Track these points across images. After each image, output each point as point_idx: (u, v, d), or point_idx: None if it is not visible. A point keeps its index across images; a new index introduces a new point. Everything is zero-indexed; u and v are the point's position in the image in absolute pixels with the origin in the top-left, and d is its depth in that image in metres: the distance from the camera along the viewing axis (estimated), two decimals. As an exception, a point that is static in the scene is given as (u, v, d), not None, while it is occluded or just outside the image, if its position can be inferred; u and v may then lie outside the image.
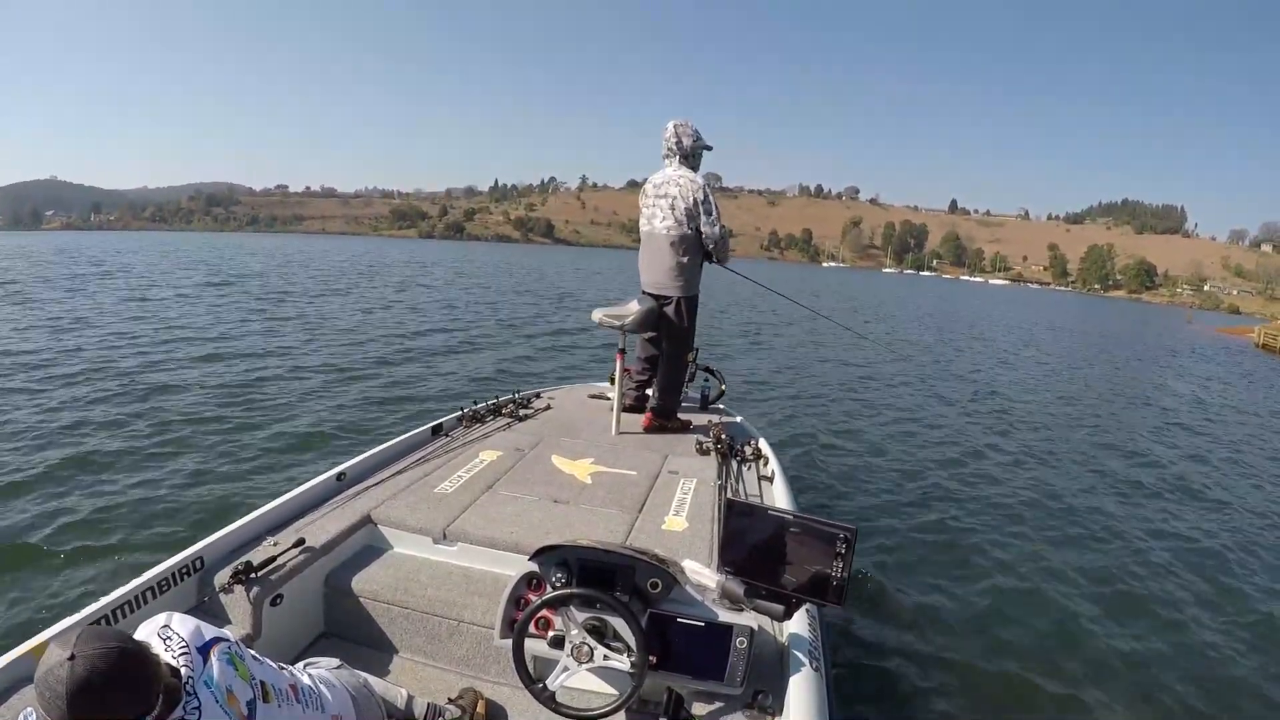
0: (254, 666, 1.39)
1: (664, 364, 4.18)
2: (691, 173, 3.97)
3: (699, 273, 4.12)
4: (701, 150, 4.04)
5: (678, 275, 4.03)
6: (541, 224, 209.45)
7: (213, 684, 1.27)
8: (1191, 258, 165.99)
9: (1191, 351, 27.29)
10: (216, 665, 1.30)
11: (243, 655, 1.38)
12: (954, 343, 20.76)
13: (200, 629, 1.35)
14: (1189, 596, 4.71)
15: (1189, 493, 7.21)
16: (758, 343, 16.36)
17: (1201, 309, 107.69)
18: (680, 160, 3.98)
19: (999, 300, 60.81)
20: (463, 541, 2.55)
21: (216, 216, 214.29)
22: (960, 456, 7.72)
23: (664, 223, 3.98)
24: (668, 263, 4.02)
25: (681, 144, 3.95)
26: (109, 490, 5.02)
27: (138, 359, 9.72)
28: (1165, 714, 3.49)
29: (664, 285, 4.08)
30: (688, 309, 4.10)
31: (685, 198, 3.91)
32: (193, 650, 1.28)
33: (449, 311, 18.48)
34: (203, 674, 1.27)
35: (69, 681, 1.07)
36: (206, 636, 1.33)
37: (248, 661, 1.38)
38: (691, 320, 4.15)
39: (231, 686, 1.30)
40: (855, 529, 1.70)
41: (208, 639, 1.33)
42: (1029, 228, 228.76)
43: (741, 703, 1.82)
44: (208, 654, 1.30)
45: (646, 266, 4.15)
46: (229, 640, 1.38)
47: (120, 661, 1.12)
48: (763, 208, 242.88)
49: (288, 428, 6.88)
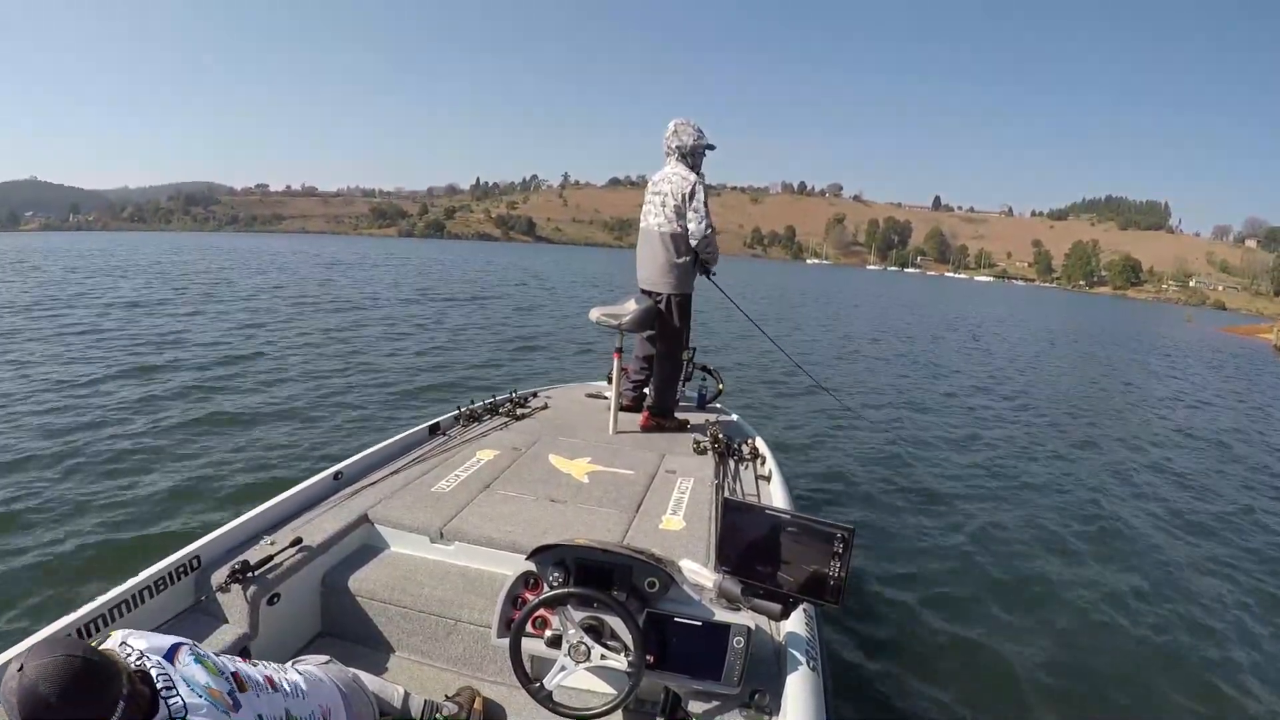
0: (221, 661, 1.42)
1: (657, 362, 4.19)
2: (686, 170, 3.98)
3: (692, 270, 4.12)
4: (703, 149, 4.03)
5: (668, 272, 4.05)
6: (523, 222, 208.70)
7: (191, 680, 1.30)
8: (1176, 254, 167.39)
9: (1205, 359, 23.45)
10: (189, 664, 1.33)
11: (205, 654, 1.41)
12: (948, 343, 20.53)
13: (159, 638, 1.38)
14: (1189, 600, 4.70)
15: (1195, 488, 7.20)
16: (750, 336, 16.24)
17: (1189, 304, 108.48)
18: (679, 158, 4.00)
19: (989, 299, 59.68)
20: (460, 541, 2.55)
21: (196, 216, 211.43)
22: (959, 457, 7.75)
23: (656, 219, 4.02)
24: (659, 259, 4.05)
25: (682, 142, 3.97)
26: (108, 489, 4.99)
27: (128, 358, 9.59)
28: (1164, 713, 3.52)
29: (655, 282, 4.10)
30: (679, 306, 4.11)
31: (675, 194, 3.94)
32: (158, 657, 1.31)
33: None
34: (178, 673, 1.29)
35: (18, 691, 1.10)
36: (168, 643, 1.36)
37: (213, 659, 1.41)
38: (684, 318, 4.15)
39: (209, 682, 1.32)
40: (853, 528, 1.71)
41: (169, 645, 1.36)
42: (1013, 224, 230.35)
43: (738, 702, 1.83)
44: (174, 657, 1.33)
45: (641, 263, 4.18)
46: (189, 642, 1.41)
47: (69, 668, 1.14)
48: (746, 205, 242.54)
49: (288, 424, 6.88)
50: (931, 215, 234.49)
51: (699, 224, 3.92)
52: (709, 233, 3.97)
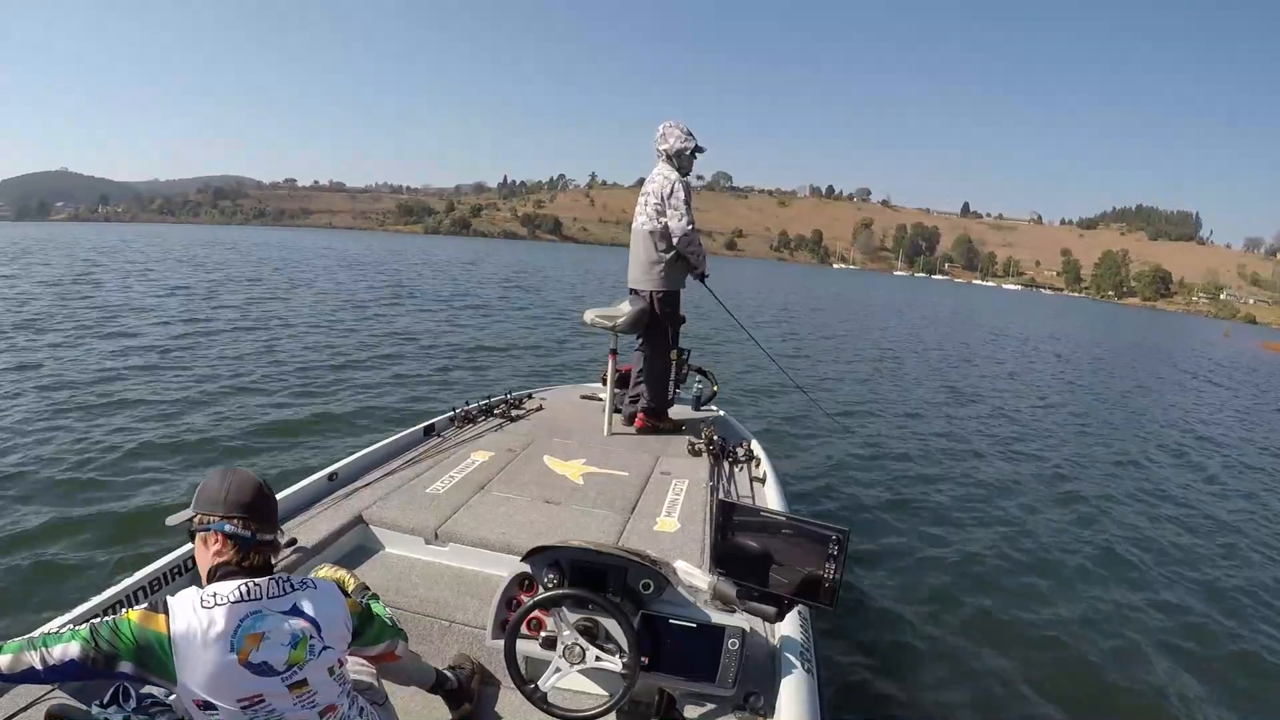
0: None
1: (645, 361, 4.22)
2: (670, 169, 4.01)
3: (677, 269, 4.14)
4: (690, 151, 4.05)
5: (649, 269, 4.09)
6: (549, 221, 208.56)
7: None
8: (1206, 265, 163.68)
9: (1256, 379, 21.46)
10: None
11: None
12: (965, 350, 20.31)
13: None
14: (1188, 604, 4.67)
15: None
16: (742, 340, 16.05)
17: (1219, 317, 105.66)
18: (665, 159, 4.04)
19: (1017, 310, 56.92)
20: (455, 542, 2.55)
21: (224, 209, 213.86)
22: (958, 459, 7.70)
23: (640, 219, 4.09)
24: (642, 257, 4.11)
25: (669, 144, 4.01)
26: (98, 490, 4.96)
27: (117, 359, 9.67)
28: (1163, 712, 3.48)
29: (639, 279, 4.16)
30: (662, 303, 4.13)
31: (656, 194, 3.99)
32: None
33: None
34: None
35: (242, 479, 1.58)
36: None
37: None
38: (669, 316, 4.18)
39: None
40: (848, 530, 1.70)
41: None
42: (1041, 232, 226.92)
43: (733, 704, 1.82)
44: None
45: (630, 262, 4.22)
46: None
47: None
48: (773, 208, 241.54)
49: (286, 423, 6.92)
50: (959, 221, 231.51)
51: (678, 220, 3.94)
52: (689, 229, 3.97)
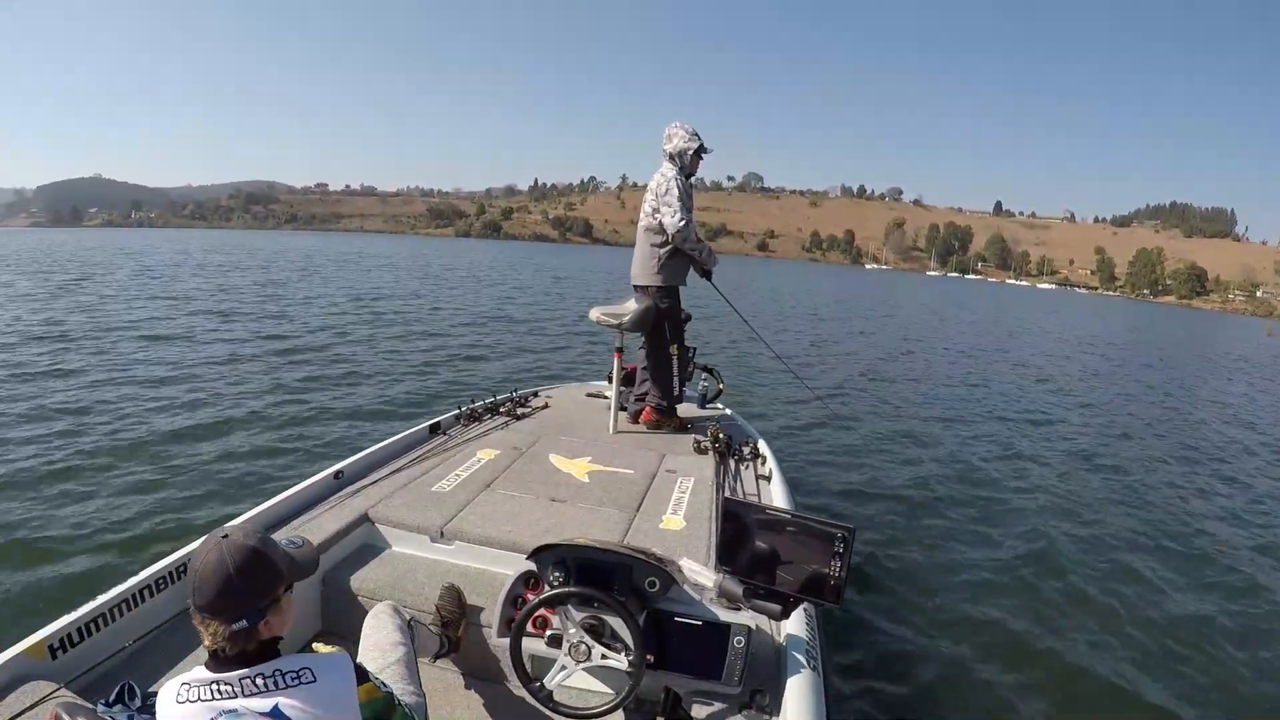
0: None
1: (647, 356, 4.26)
2: (670, 167, 4.04)
3: (676, 265, 4.14)
4: (694, 151, 4.07)
5: (647, 264, 4.13)
6: (580, 223, 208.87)
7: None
8: (1242, 262, 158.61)
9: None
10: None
11: None
12: (982, 357, 19.62)
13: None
14: (1189, 605, 4.58)
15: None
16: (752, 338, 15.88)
17: (1256, 315, 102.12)
18: (667, 160, 4.07)
19: (1052, 310, 53.73)
20: (460, 540, 2.56)
21: (255, 214, 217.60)
22: (959, 458, 7.56)
23: (643, 218, 4.14)
24: (641, 252, 4.17)
25: (672, 145, 4.05)
26: (105, 488, 5.01)
27: (145, 358, 9.78)
28: (1161, 711, 3.42)
29: (637, 275, 4.21)
30: (659, 298, 4.15)
31: (654, 192, 4.05)
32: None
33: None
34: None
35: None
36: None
37: None
38: (669, 312, 4.19)
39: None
40: (853, 528, 1.68)
41: None
42: (1075, 230, 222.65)
43: (739, 702, 1.82)
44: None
45: (633, 259, 4.27)
46: None
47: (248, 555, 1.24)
48: (804, 208, 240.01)
49: (287, 422, 6.98)
50: (992, 220, 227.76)
51: (672, 216, 3.95)
52: (682, 224, 3.96)
